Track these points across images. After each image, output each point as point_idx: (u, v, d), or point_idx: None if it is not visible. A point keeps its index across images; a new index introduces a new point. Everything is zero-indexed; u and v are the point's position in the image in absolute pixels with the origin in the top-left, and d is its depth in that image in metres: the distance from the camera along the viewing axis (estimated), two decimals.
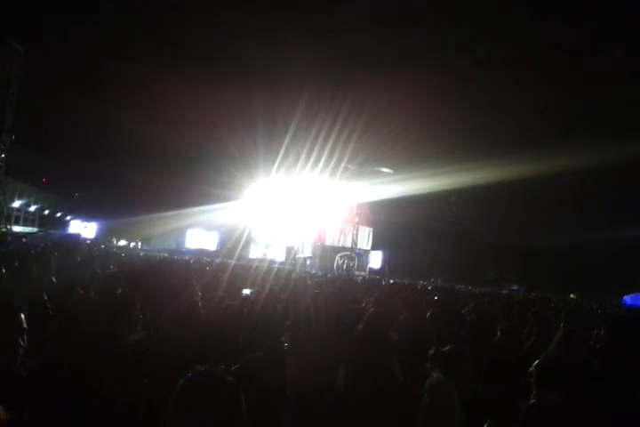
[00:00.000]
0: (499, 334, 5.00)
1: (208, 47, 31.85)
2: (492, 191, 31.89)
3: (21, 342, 2.70)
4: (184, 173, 36.62)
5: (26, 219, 42.95)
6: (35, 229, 41.03)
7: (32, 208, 43.66)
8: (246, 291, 5.95)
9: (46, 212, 46.35)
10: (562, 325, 6.66)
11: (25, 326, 2.75)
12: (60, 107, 33.40)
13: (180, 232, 40.23)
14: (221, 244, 37.81)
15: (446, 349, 3.58)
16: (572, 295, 25.99)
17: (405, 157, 32.44)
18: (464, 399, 3.35)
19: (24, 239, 25.38)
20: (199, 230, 40.31)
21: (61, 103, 32.87)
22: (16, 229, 36.60)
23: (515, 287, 29.85)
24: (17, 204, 39.76)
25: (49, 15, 29.63)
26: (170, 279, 6.56)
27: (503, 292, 21.59)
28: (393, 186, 32.76)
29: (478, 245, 35.83)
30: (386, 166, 33.83)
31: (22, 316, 2.75)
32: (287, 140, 33.19)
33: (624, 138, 25.33)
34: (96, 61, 32.91)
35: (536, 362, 3.56)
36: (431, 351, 3.67)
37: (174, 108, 34.41)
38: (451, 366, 3.45)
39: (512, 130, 31.94)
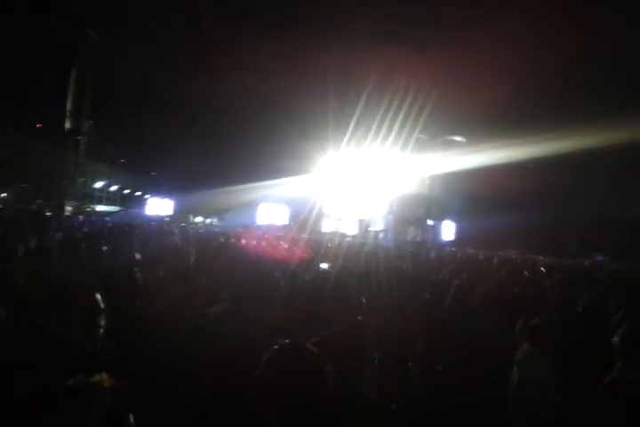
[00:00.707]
0: (582, 306, 4.79)
1: (287, 11, 31.77)
2: (572, 159, 30.53)
3: (100, 323, 2.60)
4: (256, 147, 36.99)
5: (108, 198, 44.81)
6: (116, 208, 42.83)
7: (113, 188, 45.47)
8: (324, 265, 5.95)
9: (126, 191, 48.17)
10: None
11: (102, 306, 2.64)
12: (135, 87, 34.35)
13: (253, 207, 40.84)
14: (293, 218, 38.16)
15: (534, 322, 3.45)
16: None
17: (480, 126, 31.51)
18: (552, 372, 3.24)
19: (107, 218, 26.50)
20: (271, 205, 40.80)
21: (135, 82, 33.77)
22: (99, 208, 38.32)
23: (599, 258, 28.60)
24: (99, 184, 41.47)
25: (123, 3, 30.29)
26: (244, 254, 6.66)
27: (586, 263, 20.79)
28: (467, 156, 31.91)
29: (558, 215, 34.49)
30: (459, 135, 32.99)
31: (98, 296, 2.65)
32: (358, 110, 32.78)
33: None
34: (168, 33, 33.49)
35: (620, 333, 3.35)
36: (519, 324, 3.55)
37: (249, 79, 34.62)
38: (539, 339, 3.33)
39: (593, 96, 30.35)
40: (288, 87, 33.37)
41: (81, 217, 23.65)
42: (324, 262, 6.10)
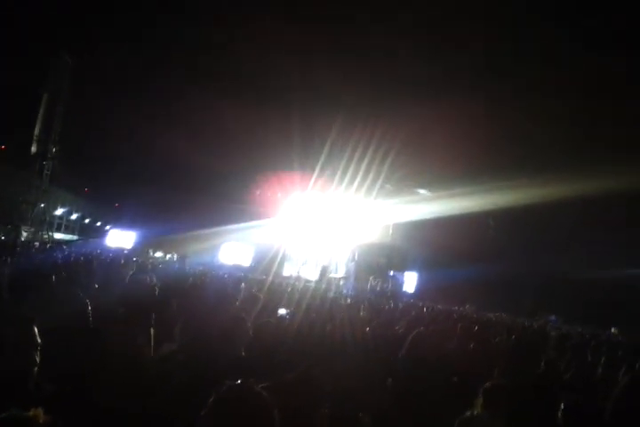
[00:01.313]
0: (542, 368, 4.83)
1: (246, 64, 32.43)
2: (532, 215, 31.28)
3: (35, 358, 2.46)
4: (221, 191, 37.16)
5: (67, 227, 43.92)
6: (75, 237, 41.96)
7: (73, 216, 44.66)
8: (282, 311, 5.89)
9: (87, 220, 47.35)
10: (602, 360, 6.41)
11: (38, 340, 2.52)
12: (106, 119, 34.32)
13: (215, 247, 40.50)
14: (256, 260, 37.90)
15: (487, 385, 3.39)
16: (613, 330, 25.17)
17: (443, 177, 32.22)
18: None
19: (64, 246, 25.90)
20: (234, 244, 40.53)
21: (107, 115, 33.78)
22: (57, 236, 37.46)
23: (552, 318, 29.00)
24: (59, 211, 40.70)
25: (100, 28, 30.50)
26: (206, 294, 6.59)
27: (539, 323, 21.05)
28: (429, 206, 32.50)
29: (515, 271, 35.02)
30: (423, 186, 33.67)
31: (35, 329, 2.51)
32: (323, 157, 33.37)
33: None
34: (143, 76, 33.75)
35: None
36: (472, 385, 3.52)
37: (212, 127, 35.05)
38: (491, 403, 3.26)
39: (554, 150, 31.42)
40: (254, 133, 33.91)
41: (37, 244, 23.09)
42: (282, 308, 6.05)
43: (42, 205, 31.62)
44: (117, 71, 32.63)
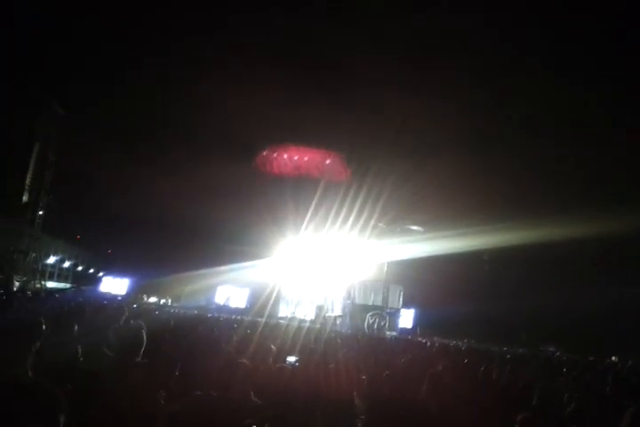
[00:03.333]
0: (536, 399, 4.80)
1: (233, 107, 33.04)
2: (524, 251, 31.44)
3: None
4: (214, 233, 37.19)
5: (59, 275, 43.51)
6: (68, 285, 41.51)
7: (66, 264, 44.30)
8: (291, 358, 5.67)
9: (79, 268, 46.94)
10: (608, 390, 6.36)
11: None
12: (97, 167, 34.55)
13: (210, 289, 40.24)
14: (251, 301, 37.62)
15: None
16: (613, 358, 24.95)
17: (437, 216, 32.48)
18: None
19: (57, 295, 25.60)
20: (229, 287, 40.31)
21: (97, 164, 34.03)
22: (50, 284, 37.08)
23: (551, 348, 28.78)
24: (51, 260, 40.41)
25: (91, 79, 31.01)
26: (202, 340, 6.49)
27: (540, 353, 20.83)
28: (424, 245, 32.60)
29: (512, 305, 34.92)
30: (416, 224, 33.79)
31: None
32: (317, 198, 33.65)
33: None
34: (133, 124, 34.23)
35: None
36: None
37: (204, 171, 35.39)
38: None
39: (548, 190, 31.92)
40: (246, 175, 34.29)
41: (29, 293, 22.80)
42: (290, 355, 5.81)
43: (33, 255, 31.44)
44: (108, 121, 33.11)
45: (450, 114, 31.17)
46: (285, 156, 35.40)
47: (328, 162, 35.39)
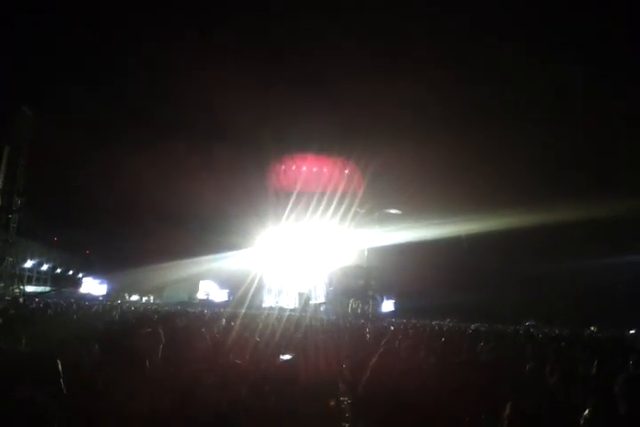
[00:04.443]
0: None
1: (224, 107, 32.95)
2: (502, 237, 31.96)
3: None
4: (195, 224, 36.90)
5: (38, 278, 43.02)
6: (47, 289, 41.00)
7: (44, 267, 43.79)
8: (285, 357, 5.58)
9: (58, 270, 46.42)
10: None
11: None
12: (70, 167, 34.11)
13: (192, 283, 40.11)
14: (233, 293, 37.60)
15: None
16: (592, 328, 25.53)
17: (415, 204, 32.76)
18: None
19: (36, 299, 25.34)
20: (210, 283, 40.29)
21: (70, 163, 33.59)
22: (29, 289, 36.61)
23: (532, 323, 29.32)
24: (29, 264, 39.93)
25: (59, 81, 30.61)
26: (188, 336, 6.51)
27: (520, 329, 21.20)
28: (402, 230, 32.94)
29: (493, 283, 35.35)
30: (394, 207, 34.00)
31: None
32: (298, 185, 33.72)
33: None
34: (104, 122, 33.82)
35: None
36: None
37: (183, 162, 35.14)
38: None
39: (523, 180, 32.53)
40: (226, 165, 34.13)
41: (8, 298, 22.57)
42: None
43: (10, 260, 31.00)
44: (78, 120, 32.70)
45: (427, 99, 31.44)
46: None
47: (309, 153, 35.50)
